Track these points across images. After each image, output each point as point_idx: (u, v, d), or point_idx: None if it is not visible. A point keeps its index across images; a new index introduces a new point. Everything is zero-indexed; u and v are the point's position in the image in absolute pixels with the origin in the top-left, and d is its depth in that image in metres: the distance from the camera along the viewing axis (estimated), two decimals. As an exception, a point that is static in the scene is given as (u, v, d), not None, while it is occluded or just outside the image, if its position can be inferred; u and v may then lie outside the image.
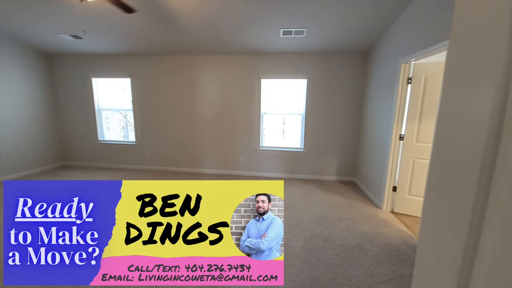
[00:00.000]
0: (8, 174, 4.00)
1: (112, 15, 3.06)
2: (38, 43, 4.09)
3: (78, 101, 4.85)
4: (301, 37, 3.52)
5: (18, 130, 4.15)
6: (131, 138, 4.95)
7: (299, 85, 4.35)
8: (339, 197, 3.59)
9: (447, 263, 0.45)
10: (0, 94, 3.82)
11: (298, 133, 4.54)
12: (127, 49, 4.23)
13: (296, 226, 2.66)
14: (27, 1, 2.85)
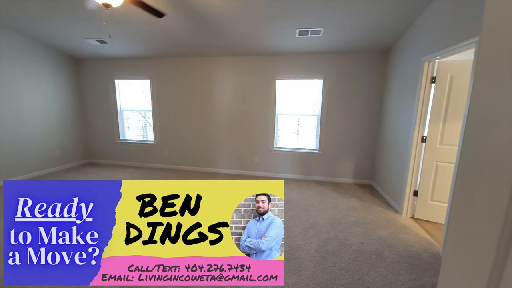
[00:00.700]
0: (38, 170, 4.31)
1: (134, 20, 3.22)
2: (67, 48, 4.40)
3: (102, 102, 5.12)
4: (317, 37, 3.47)
5: (49, 129, 4.46)
6: (150, 138, 5.14)
7: (315, 86, 4.28)
8: (356, 200, 3.47)
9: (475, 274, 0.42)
10: (34, 95, 4.17)
11: (313, 134, 4.46)
12: (147, 52, 4.42)
13: (310, 229, 2.60)
14: (59, 9, 3.06)
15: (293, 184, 4.14)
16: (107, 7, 2.18)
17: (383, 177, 3.74)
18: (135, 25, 3.36)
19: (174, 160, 5.05)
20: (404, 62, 3.23)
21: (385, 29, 3.19)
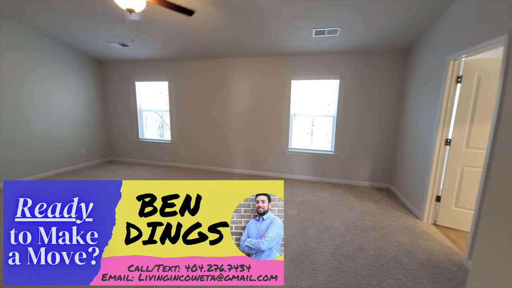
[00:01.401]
0: (65, 166, 4.60)
1: (154, 25, 3.34)
2: (92, 51, 4.65)
3: (123, 102, 5.36)
4: (334, 36, 3.39)
5: (75, 128, 4.76)
6: (166, 137, 5.32)
7: (330, 86, 4.18)
8: (373, 204, 3.35)
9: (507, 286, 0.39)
10: (63, 97, 4.47)
11: (328, 135, 4.37)
12: (165, 54, 4.57)
13: (325, 232, 2.54)
14: (86, 15, 3.25)
15: (307, 186, 4.08)
16: (131, 12, 2.25)
17: (402, 180, 3.59)
18: (154, 28, 3.50)
19: (190, 159, 5.17)
20: (427, 61, 3.08)
21: (405, 27, 3.06)
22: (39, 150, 4.09)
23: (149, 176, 4.56)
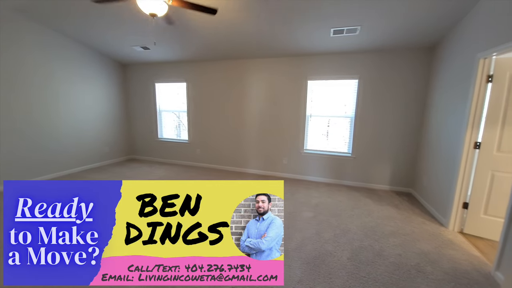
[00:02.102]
0: (90, 163, 4.86)
1: (173, 28, 3.41)
2: (116, 54, 4.91)
3: (144, 103, 5.59)
4: (353, 35, 3.30)
5: (100, 127, 5.02)
6: (183, 137, 5.50)
7: (347, 86, 4.08)
8: (392, 208, 3.21)
9: None
10: (89, 98, 4.74)
11: (344, 136, 4.25)
12: (185, 56, 4.72)
13: (342, 235, 2.46)
14: (111, 21, 3.42)
15: (323, 188, 3.99)
16: (154, 17, 2.33)
17: (426, 185, 3.40)
18: (174, 31, 3.60)
19: (206, 159, 5.26)
20: (454, 59, 2.92)
21: (430, 24, 2.91)
22: (67, 148, 4.36)
23: (167, 174, 4.66)
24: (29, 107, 3.70)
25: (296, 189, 3.88)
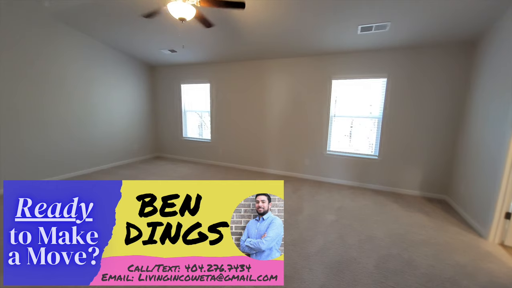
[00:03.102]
0: (120, 160, 5.13)
1: (197, 31, 3.50)
2: (145, 57, 5.18)
3: (170, 103, 5.80)
4: (382, 32, 3.12)
5: (130, 126, 5.32)
6: (205, 136, 5.68)
7: (373, 86, 3.88)
8: (423, 216, 3.01)
9: None
10: (121, 98, 5.04)
11: (369, 137, 4.07)
12: (209, 58, 4.85)
13: (367, 242, 2.35)
14: (141, 27, 3.58)
15: (346, 191, 3.84)
16: (182, 21, 2.40)
17: (463, 192, 3.14)
18: (197, 34, 3.69)
19: (228, 158, 5.30)
20: (501, 55, 2.68)
21: (472, 16, 2.66)
22: (100, 146, 4.65)
23: (190, 172, 4.78)
24: (70, 107, 4.06)
25: (317, 191, 3.77)
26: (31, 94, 3.53)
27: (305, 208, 3.08)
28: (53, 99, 3.80)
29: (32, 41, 3.46)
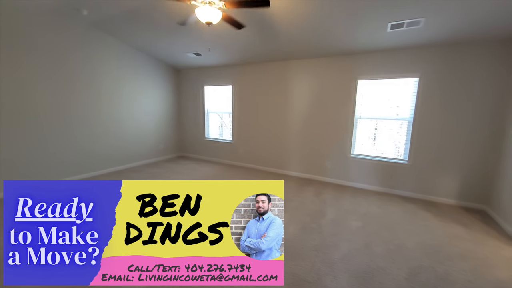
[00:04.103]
0: (147, 159, 5.41)
1: (223, 34, 3.56)
2: (171, 61, 5.39)
3: (193, 105, 5.99)
4: (414, 29, 2.91)
5: (157, 127, 5.58)
6: (225, 137, 5.84)
7: (402, 86, 3.67)
8: (460, 227, 2.79)
9: None
10: (148, 99, 5.30)
11: (395, 140, 3.85)
12: (231, 60, 4.94)
13: (396, 252, 2.22)
14: (168, 32, 3.75)
15: (372, 197, 3.65)
16: (209, 25, 2.44)
17: (506, 203, 2.89)
18: (222, 37, 3.75)
19: (248, 159, 5.33)
20: None
21: None
22: (129, 145, 4.94)
23: (212, 171, 4.90)
24: (103, 108, 4.36)
25: (341, 196, 3.64)
26: (69, 95, 3.83)
27: (329, 213, 3.00)
28: (88, 99, 4.10)
29: (67, 46, 3.72)
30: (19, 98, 3.29)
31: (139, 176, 4.45)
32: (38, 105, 3.48)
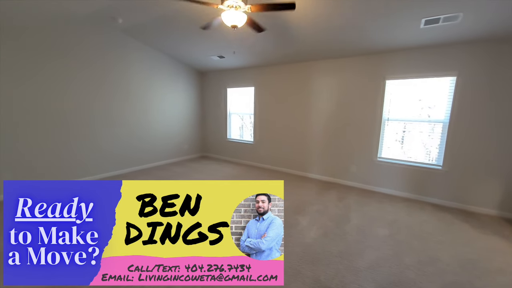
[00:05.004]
0: (172, 158, 5.63)
1: (246, 36, 3.58)
2: (196, 64, 5.57)
3: (216, 106, 6.11)
4: (451, 24, 2.71)
5: (181, 128, 5.81)
6: (245, 138, 5.94)
7: (436, 85, 3.44)
8: (501, 240, 2.57)
9: None
10: (173, 101, 5.51)
11: (426, 144, 3.62)
12: (253, 62, 4.97)
13: (428, 264, 2.07)
14: (194, 36, 3.86)
15: (400, 203, 3.44)
16: (234, 28, 2.48)
17: None
18: (247, 40, 3.76)
19: (269, 160, 5.32)
20: None
21: None
22: (155, 145, 5.17)
23: (233, 172, 4.96)
24: (132, 109, 4.63)
25: (366, 201, 3.48)
26: (102, 98, 4.12)
27: (353, 218, 2.89)
28: (118, 102, 4.39)
29: (102, 52, 4.02)
30: (59, 100, 3.62)
31: (165, 175, 4.60)
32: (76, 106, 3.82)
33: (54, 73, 3.50)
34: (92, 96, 3.99)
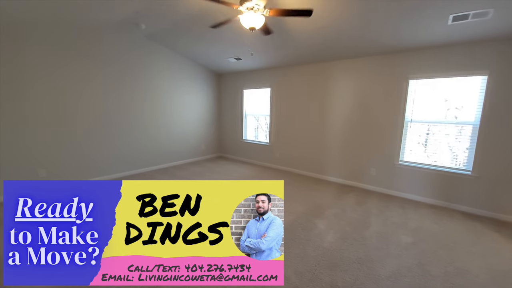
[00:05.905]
0: (191, 158, 5.82)
1: (263, 38, 3.53)
2: (214, 66, 5.68)
3: (232, 108, 6.19)
4: (482, 20, 2.58)
5: (199, 129, 5.96)
6: (260, 139, 6.02)
7: (464, 85, 3.24)
8: None
9: None
10: (192, 102, 5.67)
11: (453, 147, 3.43)
12: (270, 63, 4.98)
13: (457, 275, 1.95)
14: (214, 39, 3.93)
15: (425, 210, 3.27)
16: (252, 30, 2.52)
17: None
18: (264, 41, 3.74)
19: (285, 162, 5.28)
20: None
21: None
22: (174, 145, 5.36)
23: (249, 172, 5.01)
24: (153, 112, 4.84)
25: (387, 206, 3.33)
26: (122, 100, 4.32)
27: (373, 224, 2.78)
28: (139, 104, 4.59)
29: (128, 58, 4.27)
30: (91, 103, 3.93)
31: (184, 174, 4.75)
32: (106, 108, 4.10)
33: (75, 74, 3.73)
34: (128, 99, 4.34)
